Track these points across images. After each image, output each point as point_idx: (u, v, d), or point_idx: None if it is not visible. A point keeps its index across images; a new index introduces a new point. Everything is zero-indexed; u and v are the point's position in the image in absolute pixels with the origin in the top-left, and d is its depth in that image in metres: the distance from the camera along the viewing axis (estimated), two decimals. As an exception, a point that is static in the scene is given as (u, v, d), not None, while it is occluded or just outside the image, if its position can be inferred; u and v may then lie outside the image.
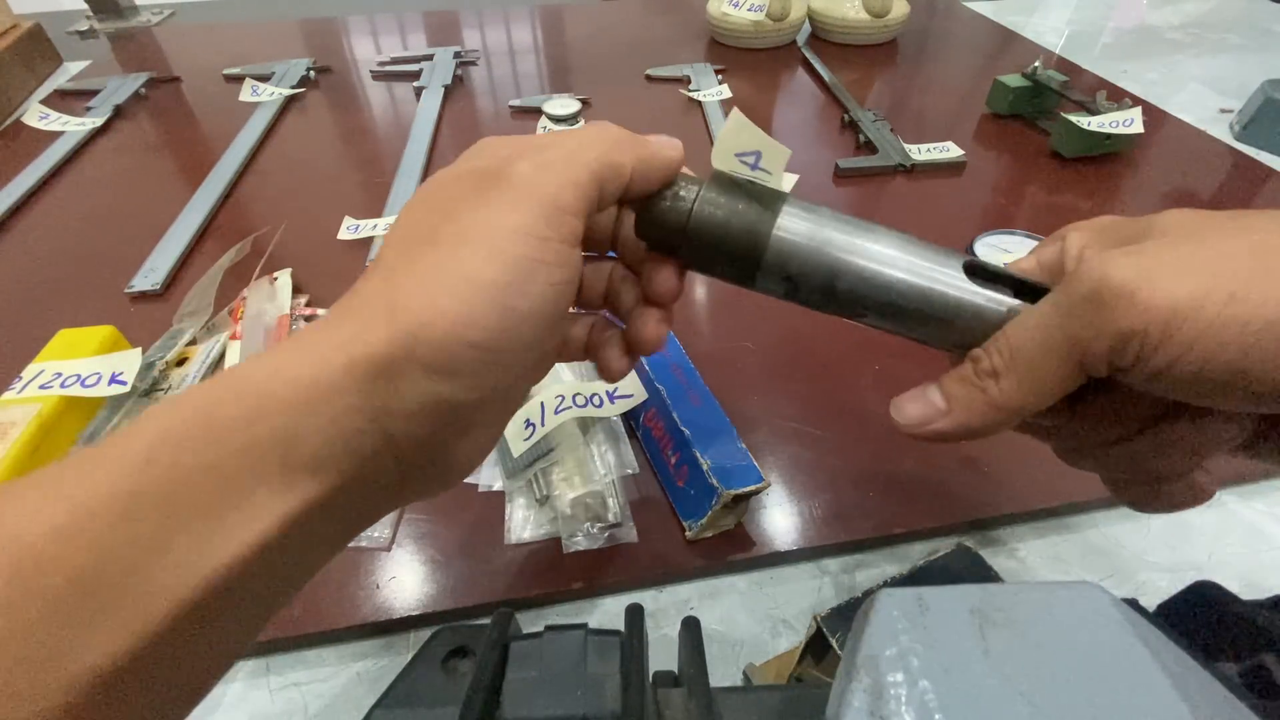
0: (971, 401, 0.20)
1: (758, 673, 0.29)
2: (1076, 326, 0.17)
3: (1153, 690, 0.12)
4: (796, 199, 0.21)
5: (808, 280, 0.21)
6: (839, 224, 0.21)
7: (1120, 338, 0.16)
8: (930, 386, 0.21)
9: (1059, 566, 0.34)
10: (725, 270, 0.22)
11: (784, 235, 0.20)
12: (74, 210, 0.59)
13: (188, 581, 0.14)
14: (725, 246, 0.21)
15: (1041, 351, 0.18)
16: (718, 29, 0.90)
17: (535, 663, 0.20)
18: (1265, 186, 0.62)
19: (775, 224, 0.21)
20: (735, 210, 0.21)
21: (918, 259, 0.21)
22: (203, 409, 0.15)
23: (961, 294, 0.20)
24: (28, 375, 0.37)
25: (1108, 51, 0.93)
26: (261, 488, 0.15)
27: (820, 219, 0.21)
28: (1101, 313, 0.16)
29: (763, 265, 0.21)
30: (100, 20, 1.00)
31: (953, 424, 0.20)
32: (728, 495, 0.31)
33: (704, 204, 0.21)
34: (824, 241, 0.21)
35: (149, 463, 0.14)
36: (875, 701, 0.13)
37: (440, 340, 0.16)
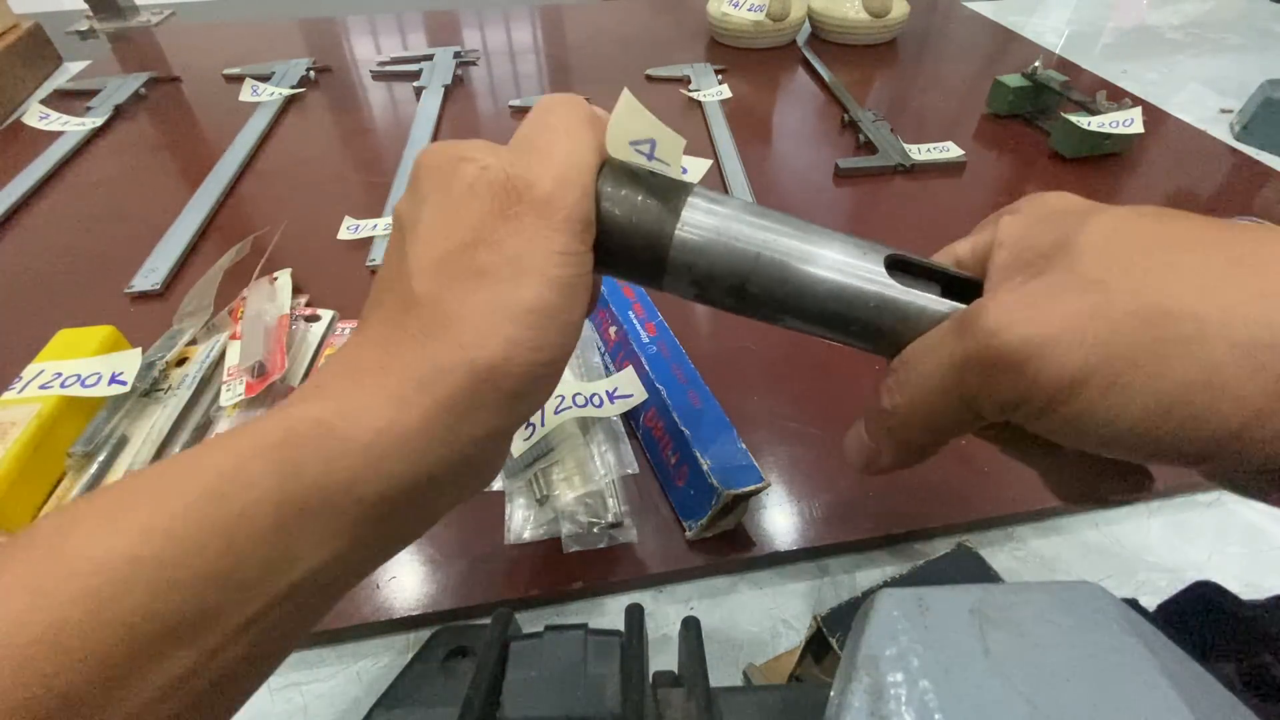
0: (885, 442, 0.20)
1: (758, 673, 0.29)
2: (966, 382, 0.17)
3: (1153, 690, 0.12)
4: (703, 190, 0.20)
5: (717, 282, 0.19)
6: (749, 217, 0.19)
7: (1008, 402, 0.16)
8: (859, 424, 0.21)
9: (1059, 566, 0.34)
10: (627, 273, 0.20)
11: (688, 234, 0.19)
12: (74, 210, 0.59)
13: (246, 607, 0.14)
14: (625, 248, 0.19)
15: (934, 396, 0.18)
16: (718, 29, 0.90)
17: (535, 663, 0.20)
18: (1265, 186, 0.62)
19: (678, 221, 0.19)
20: (634, 206, 0.19)
21: (835, 254, 0.19)
22: (279, 444, 0.15)
23: (884, 293, 0.18)
24: (28, 375, 0.37)
25: (1108, 51, 0.93)
26: (333, 520, 0.15)
27: (727, 212, 0.19)
28: (990, 375, 0.16)
29: (668, 267, 0.19)
30: (100, 20, 1.00)
31: (890, 462, 0.20)
32: (728, 495, 0.31)
33: (600, 200, 0.19)
34: (732, 238, 0.19)
35: (221, 497, 0.14)
36: (875, 701, 0.13)
37: (521, 371, 0.17)
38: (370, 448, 0.16)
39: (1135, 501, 0.37)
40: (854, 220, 0.58)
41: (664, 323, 0.41)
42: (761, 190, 0.60)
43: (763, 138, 0.71)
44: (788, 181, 0.63)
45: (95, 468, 0.36)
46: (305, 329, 0.45)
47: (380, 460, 0.16)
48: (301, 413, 0.16)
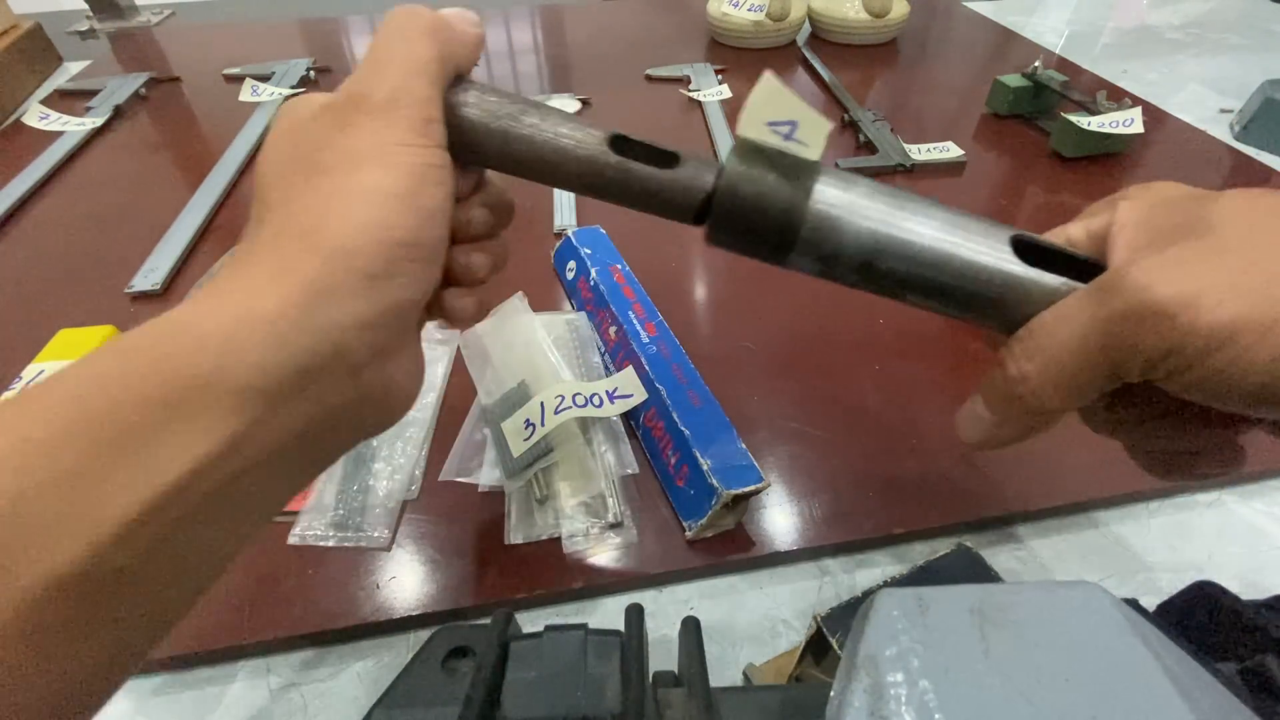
0: (1009, 411, 0.20)
1: (758, 673, 0.29)
2: (1112, 337, 0.17)
3: (1153, 690, 0.12)
4: (832, 169, 0.20)
5: (845, 259, 0.19)
6: (879, 196, 0.19)
7: (1158, 354, 0.16)
8: (977, 399, 0.21)
9: (1059, 566, 0.34)
10: (754, 249, 0.20)
11: (819, 210, 0.19)
12: (74, 210, 0.59)
13: (130, 502, 0.14)
14: (755, 224, 0.19)
15: (1074, 356, 0.18)
16: (718, 29, 0.90)
17: (535, 663, 0.20)
18: (1265, 187, 0.62)
19: (810, 198, 0.19)
20: (765, 184, 0.19)
21: (963, 235, 0.19)
22: (137, 349, 0.15)
23: (1009, 270, 0.19)
24: (28, 375, 0.37)
25: (1108, 51, 0.93)
26: (206, 411, 0.15)
27: (858, 191, 0.19)
28: (1140, 329, 0.17)
29: (797, 244, 0.19)
30: (100, 20, 1.00)
31: (1012, 432, 0.21)
32: (728, 495, 0.31)
33: (729, 176, 0.19)
34: (862, 216, 0.19)
35: (83, 399, 0.14)
36: (875, 701, 0.13)
37: (374, 247, 0.17)
38: (230, 339, 0.16)
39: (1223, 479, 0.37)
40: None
41: (664, 323, 0.41)
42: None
43: (763, 138, 0.70)
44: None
45: (95, 468, 0.36)
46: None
47: (241, 349, 0.16)
48: (161, 318, 0.16)
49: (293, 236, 0.17)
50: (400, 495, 0.35)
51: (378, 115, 0.19)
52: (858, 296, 0.22)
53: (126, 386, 0.15)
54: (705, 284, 0.50)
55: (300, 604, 0.31)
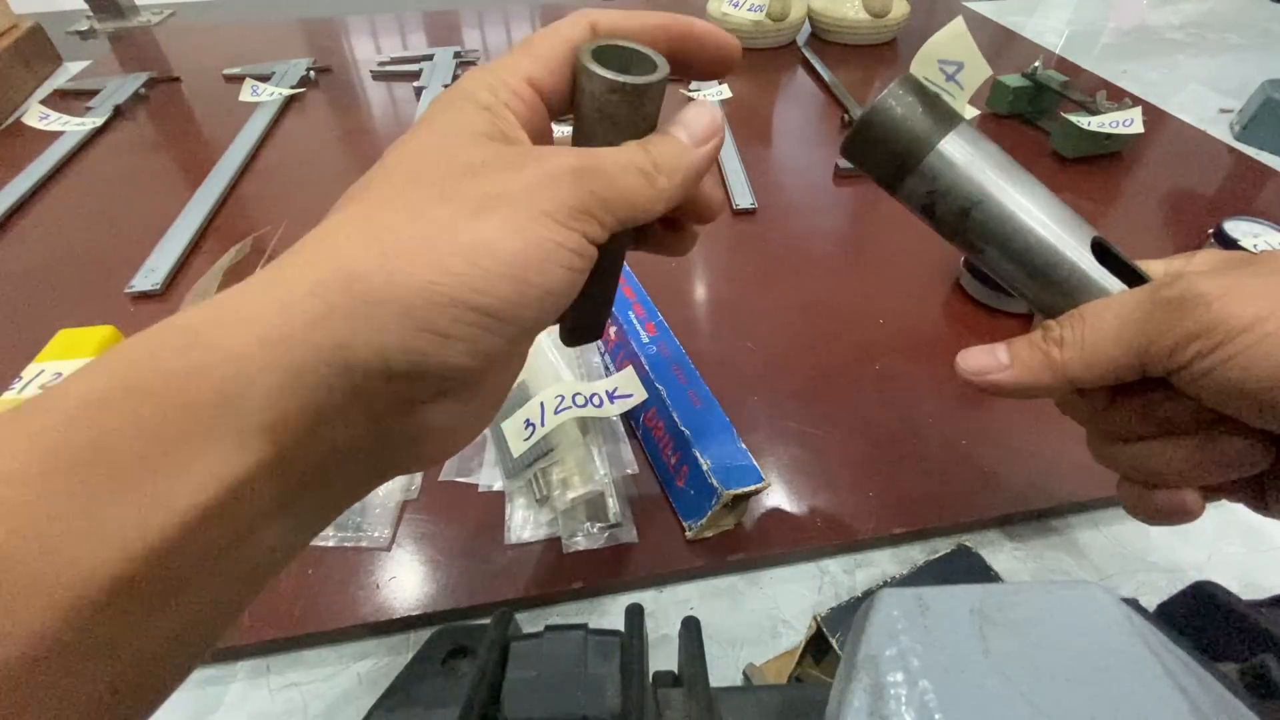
0: (1032, 362, 0.22)
1: (758, 673, 0.29)
2: (1152, 321, 0.19)
3: (1153, 690, 0.12)
4: (971, 128, 0.22)
5: (951, 198, 0.22)
6: (999, 159, 0.22)
7: (1187, 336, 0.18)
8: (998, 346, 0.23)
9: (1059, 566, 0.34)
10: (878, 166, 0.23)
11: (945, 150, 0.22)
12: (74, 210, 0.59)
13: (111, 557, 0.12)
14: (889, 142, 0.22)
15: (1111, 335, 0.20)
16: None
17: (535, 663, 0.20)
18: (1265, 186, 0.62)
19: (944, 135, 0.22)
20: (912, 110, 0.22)
21: (1055, 216, 0.22)
22: (136, 362, 0.13)
23: (1080, 263, 0.22)
24: (28, 375, 0.37)
25: (1108, 51, 0.93)
26: (206, 449, 0.13)
27: (985, 149, 0.22)
28: (1177, 313, 0.19)
29: (916, 171, 0.22)
30: (100, 20, 1.00)
31: (1009, 379, 0.22)
32: (728, 495, 0.31)
33: (888, 97, 0.22)
34: (980, 167, 0.22)
35: (69, 424, 0.12)
36: (875, 701, 0.13)
37: (444, 302, 0.15)
38: (240, 363, 0.14)
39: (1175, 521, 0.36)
40: (854, 221, 0.58)
41: (664, 323, 0.41)
42: (761, 190, 0.60)
43: (763, 138, 0.71)
44: (788, 181, 0.63)
45: (95, 468, 0.36)
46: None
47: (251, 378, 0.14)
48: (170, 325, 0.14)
49: (359, 242, 0.15)
50: (400, 495, 0.35)
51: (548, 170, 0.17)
52: (857, 296, 0.22)
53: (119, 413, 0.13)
54: (705, 284, 0.50)
55: (300, 604, 0.31)
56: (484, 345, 0.16)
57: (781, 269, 0.52)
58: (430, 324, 0.15)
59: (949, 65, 0.22)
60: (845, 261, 0.53)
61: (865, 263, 0.52)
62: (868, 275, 0.51)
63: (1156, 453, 0.22)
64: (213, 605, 0.14)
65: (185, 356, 0.14)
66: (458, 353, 0.16)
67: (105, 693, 0.12)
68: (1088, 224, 0.22)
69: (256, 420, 0.14)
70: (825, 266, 0.52)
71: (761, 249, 0.54)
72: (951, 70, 0.22)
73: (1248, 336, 0.17)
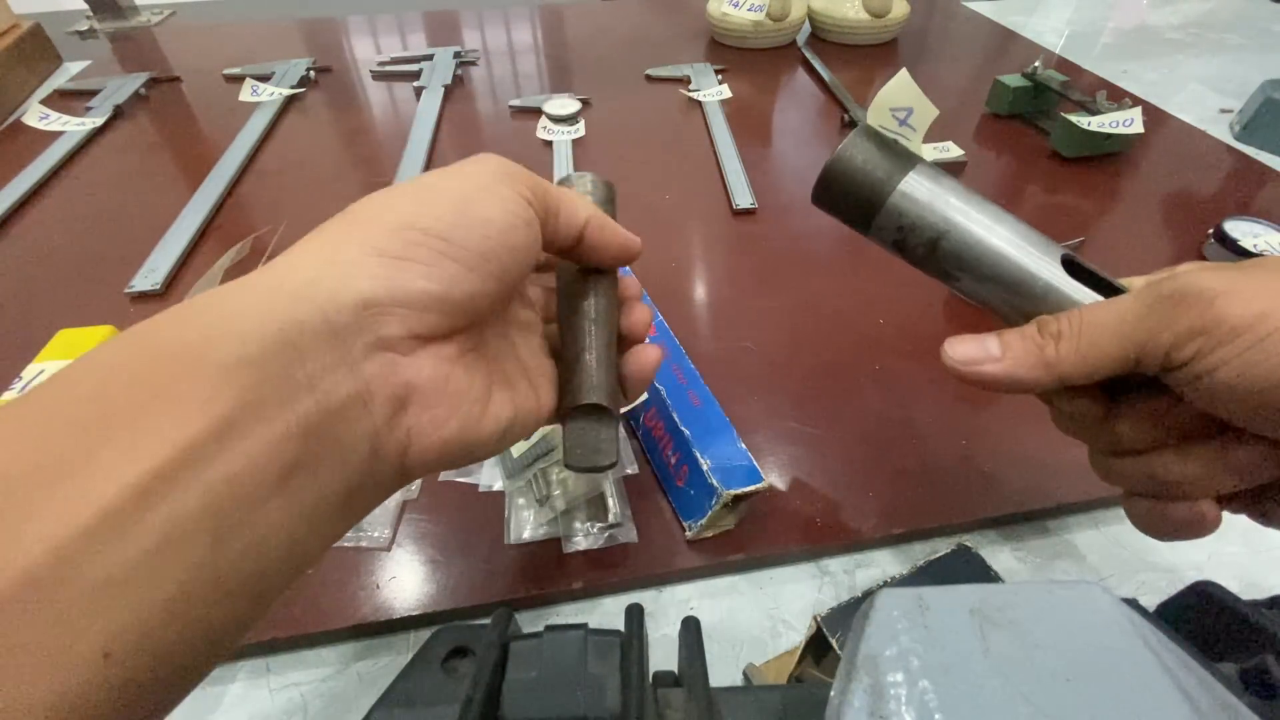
0: (1025, 355, 0.21)
1: (758, 673, 0.29)
2: (1151, 316, 0.19)
3: (1153, 690, 0.12)
4: (929, 165, 0.24)
5: (918, 232, 0.23)
6: (959, 191, 0.23)
7: (1188, 333, 0.18)
8: (989, 336, 0.22)
9: (1059, 566, 0.34)
10: (848, 210, 0.24)
11: (906, 188, 0.23)
12: (74, 210, 0.59)
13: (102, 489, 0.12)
14: (854, 187, 0.24)
15: (1109, 330, 0.20)
16: (718, 29, 0.90)
17: (535, 663, 0.20)
18: (1265, 186, 0.62)
19: (903, 178, 0.23)
20: (871, 158, 0.23)
21: (1022, 237, 0.23)
22: (136, 331, 0.15)
23: (1052, 280, 0.22)
24: (28, 375, 0.37)
25: (1108, 51, 0.93)
26: (191, 387, 0.14)
27: (943, 183, 0.23)
28: (1178, 309, 0.18)
29: (882, 211, 0.23)
30: (100, 20, 1.00)
31: (1000, 371, 0.22)
32: (728, 495, 0.31)
33: (848, 147, 0.24)
34: (943, 201, 0.23)
35: (84, 367, 0.14)
36: (875, 701, 0.13)
37: (395, 226, 0.17)
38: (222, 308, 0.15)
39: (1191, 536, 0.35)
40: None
41: (664, 323, 0.41)
42: (761, 190, 0.60)
43: (763, 138, 0.71)
44: (788, 181, 0.63)
45: (95, 468, 0.36)
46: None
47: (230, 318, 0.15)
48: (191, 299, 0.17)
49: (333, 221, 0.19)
50: (400, 495, 0.35)
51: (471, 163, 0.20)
52: (857, 297, 0.22)
53: (116, 366, 0.14)
54: (705, 284, 0.50)
55: (300, 604, 0.31)
56: (439, 268, 0.18)
57: (781, 269, 0.52)
58: (384, 249, 0.17)
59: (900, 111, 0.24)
60: (845, 261, 0.53)
61: (865, 263, 0.52)
62: (868, 275, 0.51)
63: (1170, 463, 0.21)
64: (214, 583, 0.14)
65: (178, 315, 0.15)
66: (416, 275, 0.17)
67: (96, 654, 0.12)
68: (1055, 243, 0.23)
69: (235, 353, 0.14)
70: (825, 266, 0.52)
71: (761, 249, 0.54)
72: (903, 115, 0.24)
73: (1249, 336, 0.17)
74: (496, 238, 0.19)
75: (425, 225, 0.18)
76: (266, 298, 0.16)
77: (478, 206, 0.19)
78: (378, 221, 0.18)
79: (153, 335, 0.15)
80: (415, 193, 0.19)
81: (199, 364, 0.14)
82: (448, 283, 0.18)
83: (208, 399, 0.14)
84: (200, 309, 0.15)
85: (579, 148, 0.68)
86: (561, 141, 0.68)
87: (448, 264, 0.18)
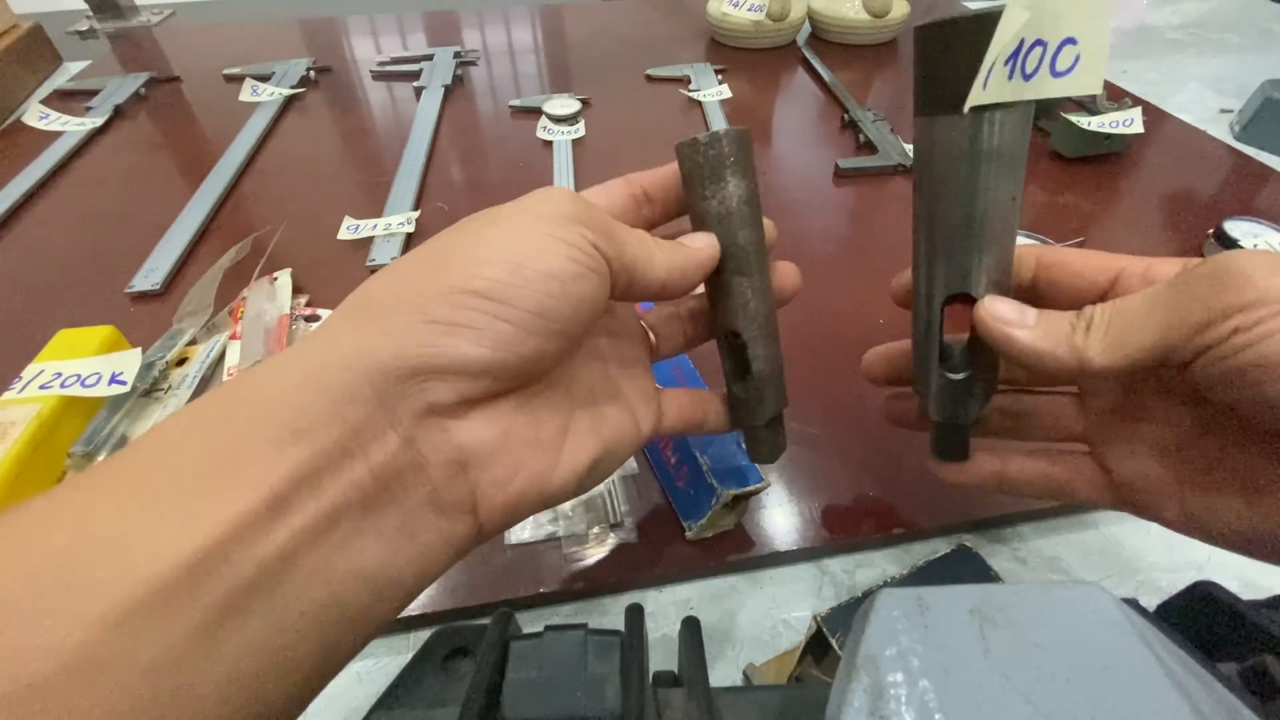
0: (1056, 332, 0.20)
1: (758, 673, 0.29)
2: (1185, 299, 0.18)
3: (1153, 690, 0.12)
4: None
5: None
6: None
7: (1225, 312, 0.17)
8: (1028, 307, 0.21)
9: (1059, 566, 0.34)
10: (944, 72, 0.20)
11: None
12: (74, 210, 0.59)
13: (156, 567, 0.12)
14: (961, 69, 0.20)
15: (1139, 319, 0.19)
16: (718, 29, 0.90)
17: (535, 663, 0.19)
18: (1265, 186, 0.62)
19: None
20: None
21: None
22: (199, 402, 0.15)
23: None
24: (28, 375, 0.37)
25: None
26: (246, 460, 0.14)
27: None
28: (1215, 287, 0.17)
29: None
30: (100, 20, 1.00)
31: (1026, 339, 0.20)
32: (727, 495, 0.31)
33: None
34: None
35: (136, 451, 0.14)
36: (875, 701, 0.13)
37: (444, 291, 0.16)
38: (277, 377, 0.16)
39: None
40: (854, 220, 0.58)
41: (664, 323, 0.41)
42: (762, 190, 0.60)
43: (763, 138, 0.71)
44: (788, 181, 0.63)
45: (95, 468, 0.36)
46: (305, 329, 0.45)
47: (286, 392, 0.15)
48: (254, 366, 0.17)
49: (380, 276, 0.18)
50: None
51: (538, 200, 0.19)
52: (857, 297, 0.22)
53: (172, 444, 0.14)
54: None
55: (300, 604, 0.31)
56: (492, 332, 0.16)
57: (781, 269, 0.52)
58: (433, 314, 0.16)
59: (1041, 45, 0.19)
60: (845, 261, 0.53)
61: (865, 263, 0.52)
62: (868, 275, 0.51)
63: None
64: (270, 658, 0.14)
65: (235, 385, 0.16)
66: (466, 341, 0.16)
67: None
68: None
69: (288, 426, 0.15)
70: (825, 266, 0.52)
71: (761, 249, 0.54)
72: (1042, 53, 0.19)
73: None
74: (557, 294, 0.17)
75: (476, 287, 0.16)
76: (318, 370, 0.16)
77: (536, 260, 0.17)
78: (428, 284, 0.17)
79: (209, 411, 0.15)
80: (469, 247, 0.17)
81: (252, 440, 0.14)
82: (500, 347, 0.17)
83: (260, 475, 0.14)
84: (255, 383, 0.16)
85: (579, 148, 0.68)
86: (561, 141, 0.68)
87: (501, 326, 0.17)
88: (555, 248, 0.17)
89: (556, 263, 0.17)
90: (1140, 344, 0.18)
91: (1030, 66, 0.18)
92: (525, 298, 0.17)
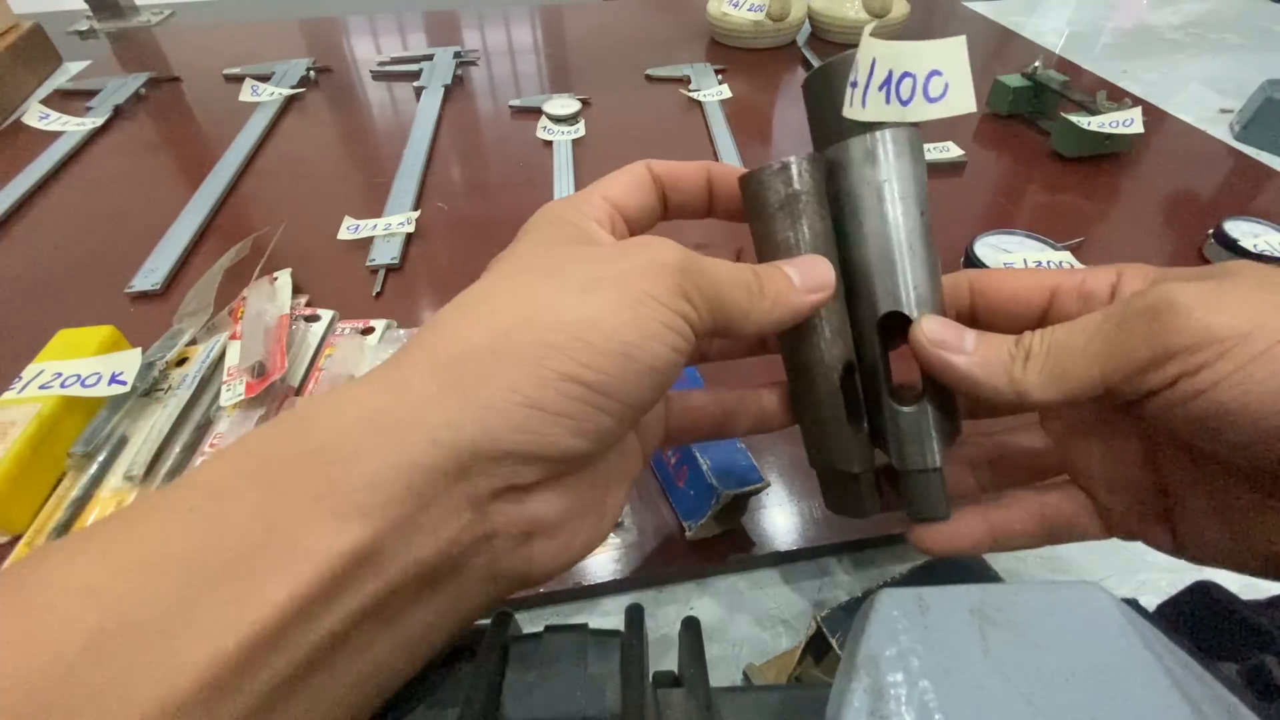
0: (994, 361, 0.19)
1: (758, 673, 0.29)
2: (1124, 335, 0.17)
3: (1153, 690, 0.12)
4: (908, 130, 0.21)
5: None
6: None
7: (1167, 352, 0.16)
8: (968, 330, 0.20)
9: (1059, 566, 0.34)
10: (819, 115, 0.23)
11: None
12: (74, 210, 0.59)
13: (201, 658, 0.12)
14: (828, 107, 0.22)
15: (1077, 353, 0.18)
16: (718, 29, 0.90)
17: (535, 663, 0.19)
18: (1265, 186, 0.62)
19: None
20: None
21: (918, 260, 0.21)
22: (252, 450, 0.14)
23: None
24: (28, 375, 0.37)
25: (1108, 51, 0.93)
26: (303, 534, 0.13)
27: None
28: (1155, 325, 0.16)
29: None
30: (100, 20, 1.00)
31: (963, 365, 0.19)
32: (727, 495, 0.31)
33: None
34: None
35: (191, 511, 0.13)
36: (875, 701, 0.13)
37: (553, 378, 0.15)
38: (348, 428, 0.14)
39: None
40: (854, 220, 0.58)
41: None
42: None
43: (763, 138, 0.71)
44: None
45: (95, 468, 0.36)
46: (305, 329, 0.45)
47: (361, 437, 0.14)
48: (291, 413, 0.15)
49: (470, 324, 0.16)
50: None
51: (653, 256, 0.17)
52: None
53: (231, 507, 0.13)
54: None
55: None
56: (592, 424, 0.16)
57: (781, 269, 0.52)
58: (538, 401, 0.15)
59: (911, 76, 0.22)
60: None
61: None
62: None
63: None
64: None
65: (293, 442, 0.14)
66: (566, 431, 0.16)
67: None
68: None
69: (355, 501, 0.13)
70: (825, 266, 0.52)
71: (761, 249, 0.54)
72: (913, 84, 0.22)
73: (1242, 351, 0.15)
74: (658, 388, 0.17)
75: (590, 380, 0.15)
76: (400, 438, 0.14)
77: (644, 352, 0.16)
78: (529, 353, 0.15)
79: (267, 463, 0.14)
80: (573, 311, 0.16)
81: (312, 508, 0.13)
82: (597, 439, 0.16)
83: (320, 553, 0.13)
84: (323, 434, 0.14)
85: (579, 148, 0.68)
86: (561, 142, 0.68)
87: (602, 419, 0.16)
88: (662, 335, 0.16)
89: (662, 354, 0.17)
90: (1079, 378, 0.18)
91: (905, 94, 0.19)
92: (630, 394, 0.16)
